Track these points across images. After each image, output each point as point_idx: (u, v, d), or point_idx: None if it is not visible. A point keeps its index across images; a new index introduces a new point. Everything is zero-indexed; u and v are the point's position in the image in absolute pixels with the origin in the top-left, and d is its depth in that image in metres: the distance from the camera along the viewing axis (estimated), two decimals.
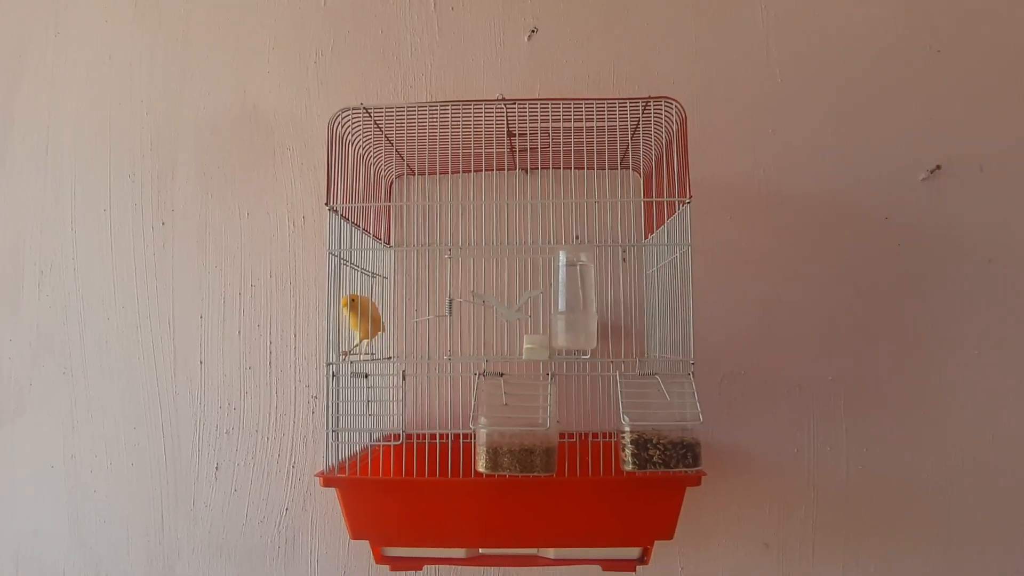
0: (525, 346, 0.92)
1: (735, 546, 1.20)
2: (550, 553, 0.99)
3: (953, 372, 1.19)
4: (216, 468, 1.25)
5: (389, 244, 1.22)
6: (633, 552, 0.99)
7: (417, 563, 1.01)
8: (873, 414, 1.20)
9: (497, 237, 1.05)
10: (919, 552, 1.19)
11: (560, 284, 0.91)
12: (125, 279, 1.29)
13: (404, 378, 0.92)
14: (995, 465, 1.18)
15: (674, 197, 0.95)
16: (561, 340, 0.90)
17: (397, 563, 0.99)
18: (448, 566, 1.14)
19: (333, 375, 0.94)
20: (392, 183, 1.24)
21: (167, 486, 1.26)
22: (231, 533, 1.25)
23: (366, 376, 0.94)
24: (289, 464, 1.24)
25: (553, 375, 0.91)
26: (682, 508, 0.92)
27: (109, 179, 1.31)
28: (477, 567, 1.05)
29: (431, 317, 1.01)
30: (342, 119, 0.99)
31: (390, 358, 1.13)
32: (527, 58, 1.26)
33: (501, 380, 0.91)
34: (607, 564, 0.99)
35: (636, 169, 1.21)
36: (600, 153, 1.12)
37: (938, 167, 1.22)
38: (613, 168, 1.20)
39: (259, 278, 1.27)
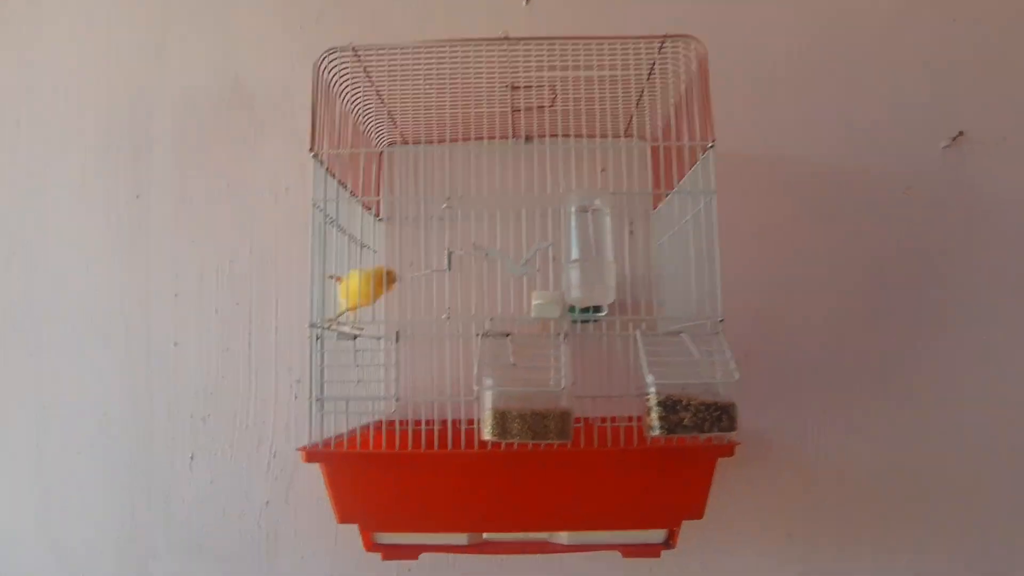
0: (534, 302, 0.79)
1: (756, 537, 1.07)
2: (563, 538, 0.85)
3: (982, 352, 1.09)
4: (191, 458, 1.11)
5: (379, 217, 1.09)
6: (657, 535, 0.85)
7: (413, 551, 0.86)
8: (899, 396, 1.08)
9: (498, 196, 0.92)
10: (950, 542, 1.07)
11: (572, 232, 0.78)
12: (97, 256, 1.16)
13: (398, 339, 0.78)
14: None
15: (695, 141, 0.83)
16: (575, 293, 0.76)
17: (390, 551, 0.85)
18: (448, 555, 0.98)
19: (317, 338, 0.80)
20: (382, 153, 1.11)
21: (139, 477, 1.12)
22: (208, 528, 1.11)
23: (354, 338, 0.80)
24: (270, 454, 1.10)
25: (565, 334, 0.78)
26: None
27: (83, 152, 1.18)
28: (481, 556, 0.89)
29: (427, 272, 0.87)
30: (328, 64, 0.87)
31: (379, 325, 0.97)
32: (527, 21, 1.14)
33: (508, 340, 0.77)
34: (628, 550, 0.85)
35: (643, 137, 1.09)
36: (608, 115, 0.99)
37: (961, 134, 1.11)
38: (617, 136, 1.08)
39: (239, 254, 1.14)
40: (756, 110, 1.12)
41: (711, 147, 0.82)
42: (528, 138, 1.08)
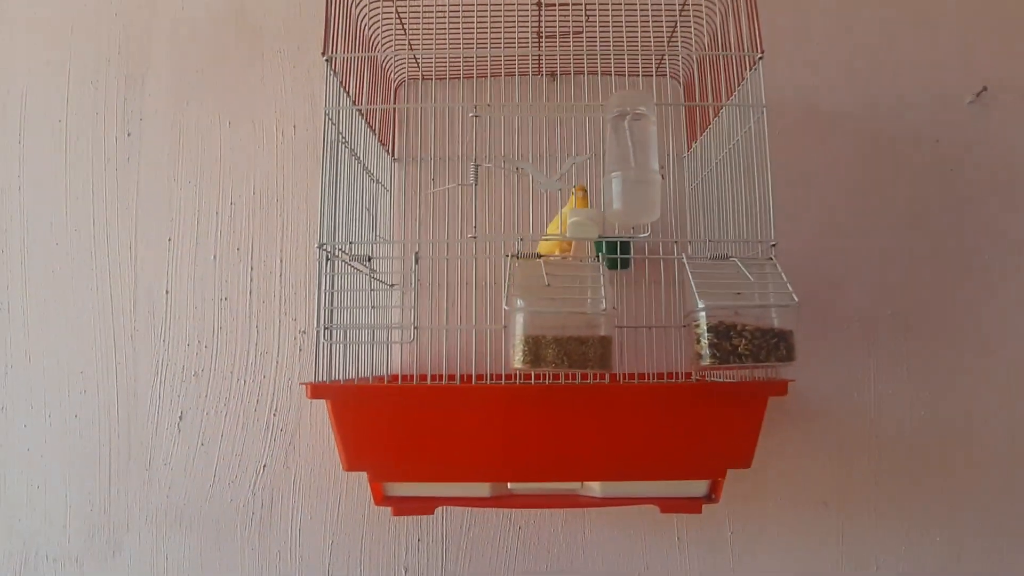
0: (570, 220, 0.70)
1: (790, 504, 0.99)
2: (596, 489, 0.76)
3: (1017, 306, 1.01)
4: (180, 418, 1.01)
5: (394, 156, 1.01)
6: (699, 487, 0.76)
7: (427, 505, 0.76)
8: (937, 352, 1.01)
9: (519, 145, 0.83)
10: (995, 507, 0.98)
11: (613, 140, 0.69)
12: (80, 198, 1.06)
13: (417, 261, 0.69)
14: None
15: (743, 52, 0.75)
16: (616, 206, 0.68)
17: (403, 505, 0.75)
18: (467, 508, 0.88)
19: (327, 259, 0.71)
20: (397, 88, 1.03)
21: (118, 440, 1.01)
22: (194, 497, 1.00)
23: (369, 259, 0.71)
24: (269, 412, 1.00)
25: (604, 255, 0.69)
26: None
27: (68, 85, 1.08)
28: (504, 509, 0.80)
29: (451, 186, 0.78)
30: None
31: (398, 244, 0.88)
32: None
33: (540, 261, 0.69)
34: (667, 504, 0.76)
35: (675, 76, 1.02)
36: (640, 47, 0.91)
37: (984, 89, 1.05)
38: (648, 75, 1.00)
39: (240, 195, 1.04)
40: (793, 56, 1.05)
41: (760, 58, 0.75)
42: (552, 75, 1.00)
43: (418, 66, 0.99)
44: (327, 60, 0.75)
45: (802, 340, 0.96)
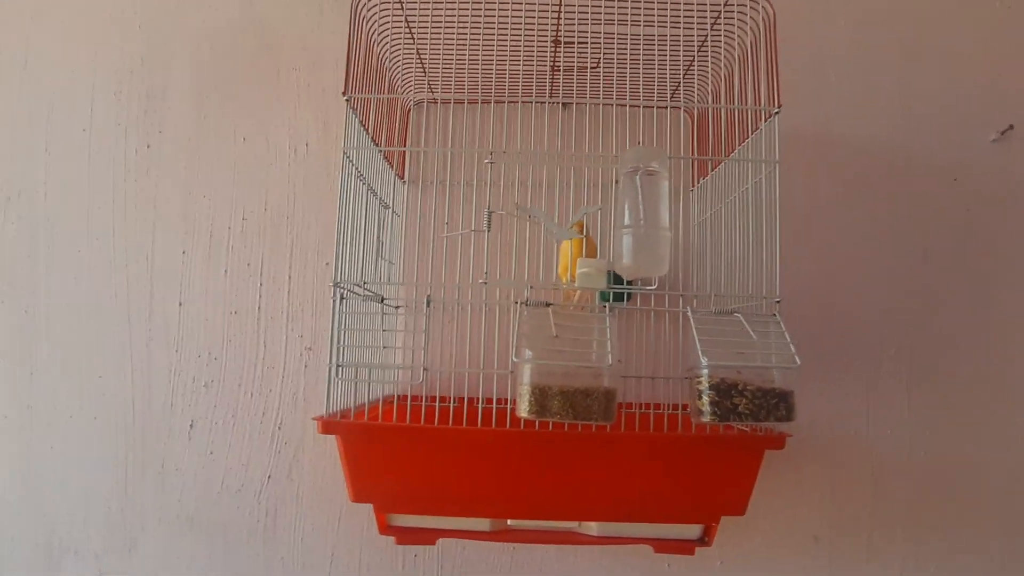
0: (579, 271, 0.71)
1: (781, 539, 1.00)
2: (593, 529, 0.77)
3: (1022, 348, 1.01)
4: (191, 426, 1.03)
5: (403, 180, 1.01)
6: (693, 531, 0.77)
7: (429, 536, 0.78)
8: (939, 393, 1.02)
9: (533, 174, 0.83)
10: (988, 548, 0.99)
11: (625, 195, 0.70)
12: (101, 208, 1.07)
13: (428, 303, 0.70)
14: None
15: (760, 106, 0.76)
16: (626, 261, 0.69)
17: (406, 535, 0.77)
18: (468, 541, 0.90)
19: (342, 298, 0.72)
20: (410, 111, 1.03)
21: (134, 444, 1.03)
22: (204, 502, 1.02)
23: (382, 300, 0.72)
24: (275, 425, 1.02)
25: (612, 306, 0.70)
26: None
27: (92, 96, 1.09)
28: (504, 544, 0.82)
29: (464, 232, 0.79)
30: (367, 5, 0.79)
31: (412, 287, 0.90)
32: None
33: (549, 310, 0.70)
34: (661, 544, 0.78)
35: (688, 108, 1.02)
36: (659, 78, 0.91)
37: (1011, 127, 1.04)
38: (662, 107, 1.00)
39: (252, 211, 1.05)
40: (810, 87, 1.05)
41: (777, 113, 0.75)
42: (566, 104, 1.00)
43: (432, 92, 1.00)
44: (347, 100, 0.75)
45: (803, 376, 0.99)
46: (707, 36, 0.81)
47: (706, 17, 0.79)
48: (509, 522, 0.78)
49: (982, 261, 1.03)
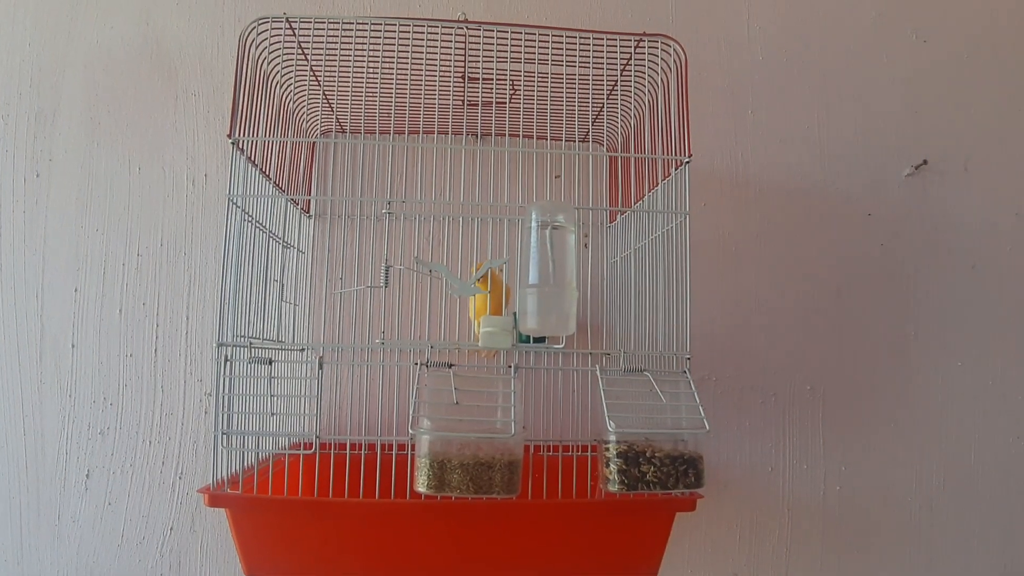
0: (483, 330, 0.65)
1: None
2: None
3: (936, 383, 1.01)
4: (87, 475, 0.94)
5: (308, 213, 0.94)
6: None
7: None
8: (852, 428, 1.00)
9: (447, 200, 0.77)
10: None
11: (531, 251, 0.64)
12: None
13: (321, 366, 0.64)
14: (976, 483, 1.00)
15: (670, 155, 0.71)
16: (531, 322, 0.63)
17: None
18: None
19: (226, 360, 0.65)
20: (315, 143, 0.95)
21: (27, 495, 0.94)
22: (103, 555, 0.94)
23: (270, 363, 0.65)
24: (175, 475, 0.94)
25: (517, 367, 0.65)
26: None
27: None
28: None
29: (360, 288, 0.72)
30: (258, 33, 0.71)
31: (303, 350, 0.82)
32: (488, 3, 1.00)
33: (451, 372, 0.64)
34: None
35: (604, 144, 0.97)
36: (570, 117, 0.86)
37: (925, 162, 1.03)
38: (580, 140, 0.96)
39: (148, 246, 0.96)
40: (725, 125, 1.01)
41: (687, 162, 0.71)
42: (481, 135, 0.94)
43: (339, 123, 0.92)
44: (233, 143, 0.67)
45: (720, 413, 0.97)
46: (617, 78, 0.76)
47: (616, 58, 0.73)
48: None
49: (895, 297, 1.01)
